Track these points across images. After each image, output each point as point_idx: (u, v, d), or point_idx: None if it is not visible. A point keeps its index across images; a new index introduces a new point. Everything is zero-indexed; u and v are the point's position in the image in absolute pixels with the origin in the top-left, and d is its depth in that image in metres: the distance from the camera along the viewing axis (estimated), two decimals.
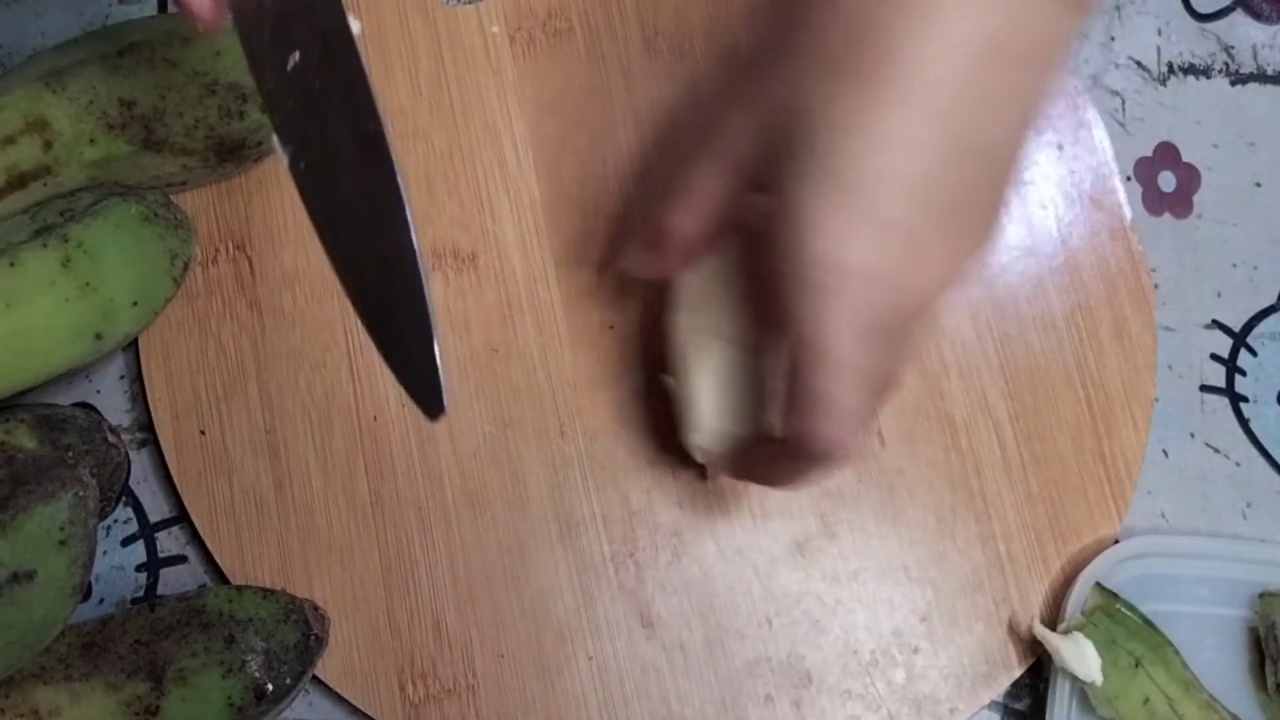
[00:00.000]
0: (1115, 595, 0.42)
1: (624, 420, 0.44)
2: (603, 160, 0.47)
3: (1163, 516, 0.47)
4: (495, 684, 0.42)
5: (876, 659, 0.43)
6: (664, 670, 0.42)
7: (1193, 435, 0.48)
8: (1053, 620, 0.43)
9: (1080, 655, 0.41)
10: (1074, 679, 0.41)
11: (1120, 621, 0.42)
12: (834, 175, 0.30)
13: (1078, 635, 0.41)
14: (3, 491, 0.34)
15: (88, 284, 0.38)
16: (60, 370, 0.39)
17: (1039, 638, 0.42)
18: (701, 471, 0.44)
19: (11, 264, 0.37)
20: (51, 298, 0.38)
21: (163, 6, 0.48)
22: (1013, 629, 0.44)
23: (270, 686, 0.37)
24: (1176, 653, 0.42)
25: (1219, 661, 0.44)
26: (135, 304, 0.40)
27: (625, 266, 0.41)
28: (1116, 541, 0.44)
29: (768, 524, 0.44)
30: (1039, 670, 0.44)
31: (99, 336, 0.39)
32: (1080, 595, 0.42)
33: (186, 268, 0.42)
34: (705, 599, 0.43)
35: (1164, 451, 0.47)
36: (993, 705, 0.44)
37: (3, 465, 0.36)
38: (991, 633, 0.44)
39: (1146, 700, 0.42)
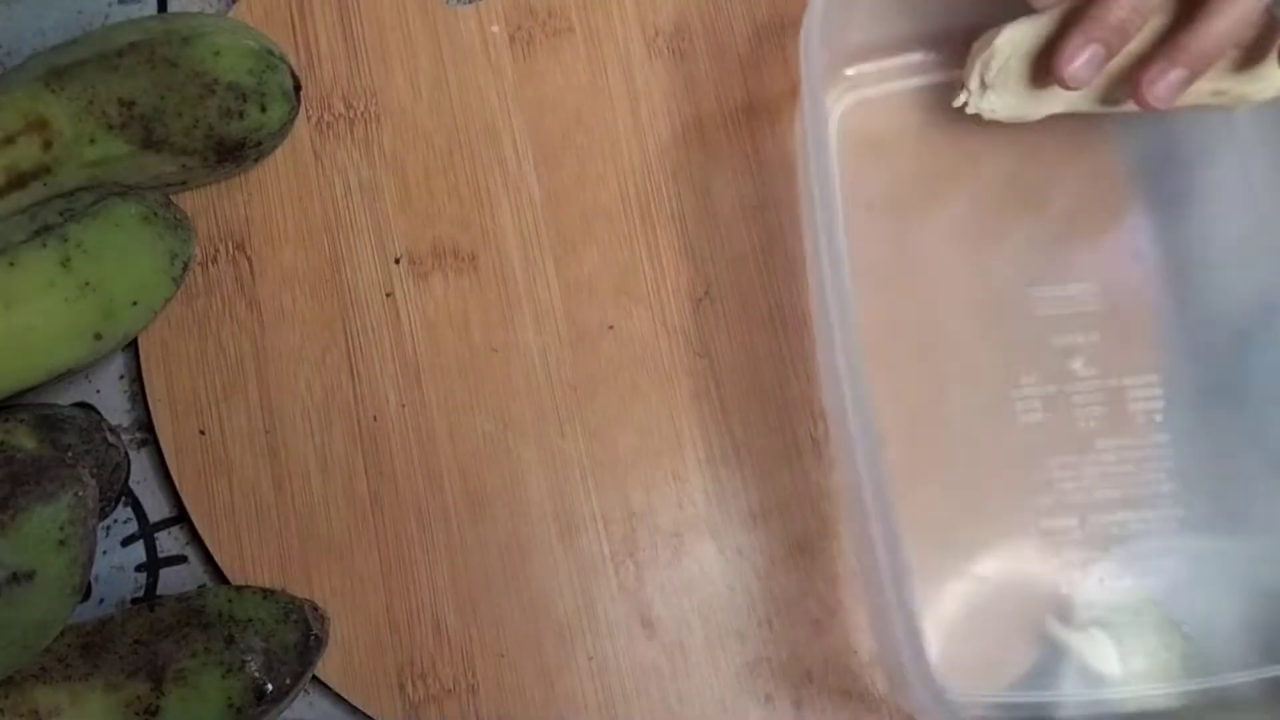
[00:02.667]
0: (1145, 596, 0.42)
1: (624, 420, 0.44)
2: (603, 160, 0.47)
3: (1167, 516, 0.46)
4: (495, 684, 0.42)
5: (876, 659, 0.43)
6: (664, 670, 0.42)
7: (1194, 435, 0.47)
8: None
9: (1096, 649, 0.41)
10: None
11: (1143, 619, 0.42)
12: None
13: (1093, 630, 0.41)
14: (2, 491, 0.34)
15: (87, 284, 0.38)
16: (60, 370, 0.39)
17: (1052, 634, 0.42)
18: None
19: (11, 264, 0.37)
20: (51, 298, 0.38)
21: (162, 6, 0.48)
22: (1013, 628, 0.43)
23: (270, 687, 0.37)
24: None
25: None
26: (135, 304, 0.40)
27: None
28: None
29: (768, 524, 0.44)
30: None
31: (98, 336, 0.39)
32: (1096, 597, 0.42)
33: (186, 268, 0.42)
34: (705, 599, 0.43)
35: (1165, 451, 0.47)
36: (994, 705, 0.44)
37: (2, 465, 0.36)
38: (991, 650, 0.43)
39: None
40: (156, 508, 0.43)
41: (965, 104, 0.43)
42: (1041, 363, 0.45)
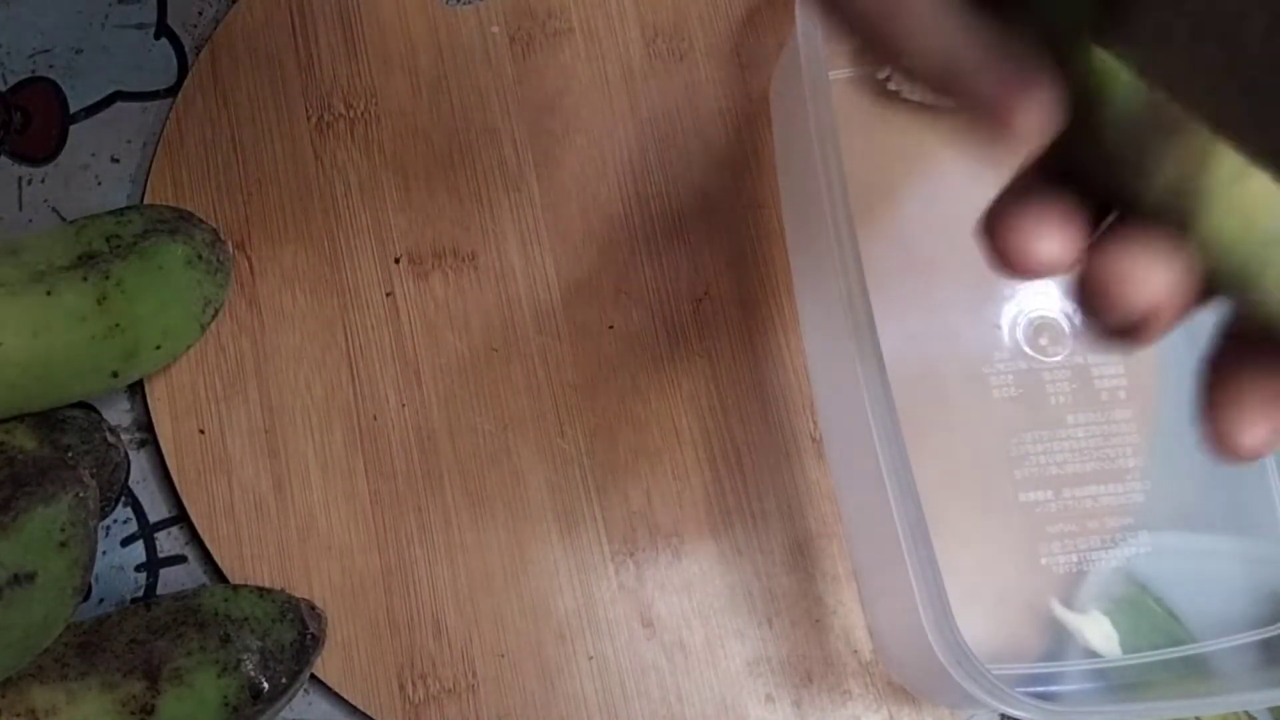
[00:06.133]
0: (1142, 586, 0.42)
1: (624, 420, 0.44)
2: (603, 160, 0.47)
3: (1175, 514, 0.46)
4: (495, 684, 0.42)
5: (877, 659, 0.43)
6: (664, 670, 0.42)
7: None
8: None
9: (1100, 632, 0.41)
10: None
11: (1144, 613, 0.42)
12: None
13: (1096, 613, 0.41)
14: (3, 493, 0.34)
15: (117, 325, 0.38)
16: (69, 401, 0.39)
17: (1058, 618, 0.42)
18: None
19: (48, 292, 0.37)
20: (79, 333, 0.37)
21: (162, 6, 0.48)
22: (1013, 627, 0.43)
23: (266, 685, 0.37)
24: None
25: None
26: (158, 348, 0.40)
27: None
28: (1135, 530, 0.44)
29: (768, 524, 0.44)
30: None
31: (115, 375, 0.39)
32: (1096, 585, 0.42)
33: (217, 314, 0.42)
34: (705, 599, 0.43)
35: (1171, 449, 0.47)
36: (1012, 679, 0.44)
37: (3, 466, 0.36)
38: (993, 632, 0.43)
39: None
40: (156, 508, 0.43)
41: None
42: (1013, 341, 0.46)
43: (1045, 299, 0.46)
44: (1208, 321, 0.21)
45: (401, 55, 0.47)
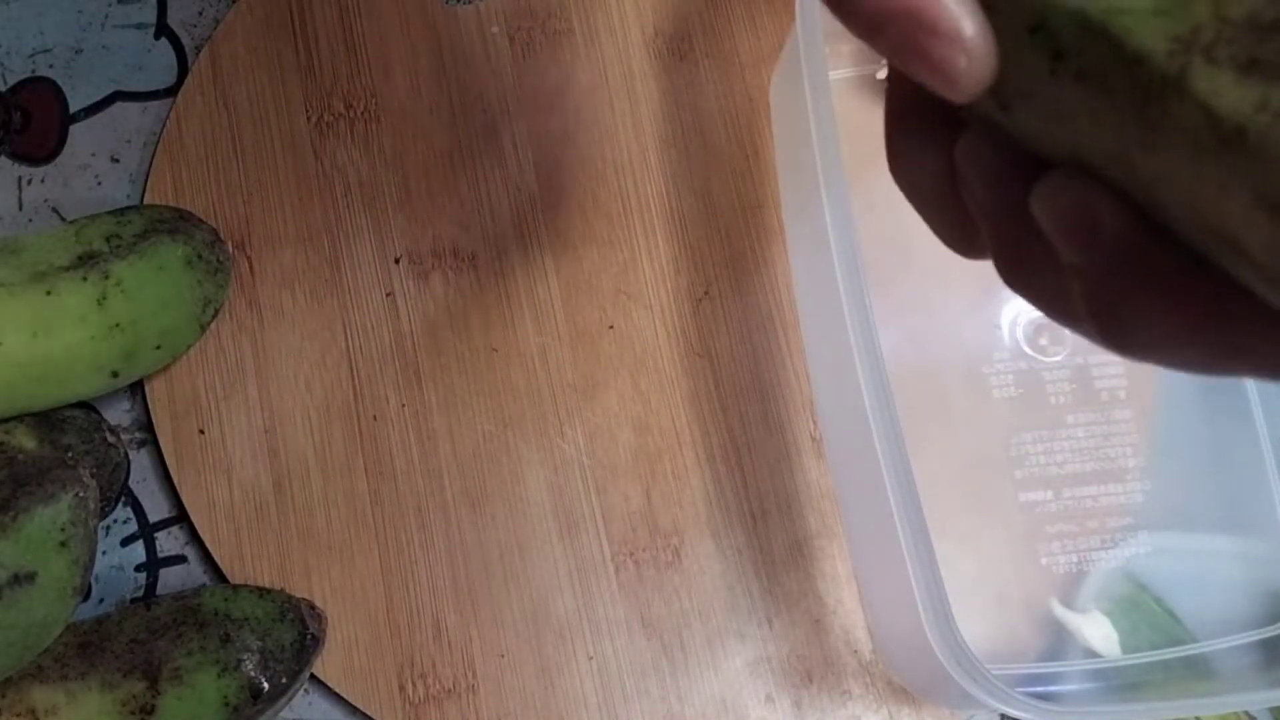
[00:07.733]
0: (1142, 586, 0.42)
1: (624, 420, 0.44)
2: (603, 160, 0.47)
3: (1175, 514, 0.46)
4: (495, 684, 0.42)
5: (877, 659, 0.43)
6: (664, 670, 0.42)
7: (1198, 434, 0.47)
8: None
9: (1100, 632, 0.41)
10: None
11: (1144, 613, 0.42)
12: None
13: (1096, 613, 0.41)
14: (3, 493, 0.34)
15: (117, 325, 0.38)
16: (68, 401, 0.39)
17: (1058, 618, 0.42)
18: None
19: (48, 292, 0.37)
20: (79, 333, 0.37)
21: (162, 6, 0.48)
22: (1013, 627, 0.43)
23: (266, 685, 0.37)
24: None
25: None
26: (158, 348, 0.40)
27: None
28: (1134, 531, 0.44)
29: (768, 524, 0.44)
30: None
31: (115, 375, 0.39)
32: (1096, 585, 0.42)
33: (216, 314, 0.42)
34: (705, 599, 0.43)
35: (1171, 449, 0.47)
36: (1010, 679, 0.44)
37: (3, 466, 0.36)
38: (993, 632, 0.43)
39: None
40: (156, 508, 0.43)
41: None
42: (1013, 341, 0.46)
43: None
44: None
45: (401, 55, 0.47)
